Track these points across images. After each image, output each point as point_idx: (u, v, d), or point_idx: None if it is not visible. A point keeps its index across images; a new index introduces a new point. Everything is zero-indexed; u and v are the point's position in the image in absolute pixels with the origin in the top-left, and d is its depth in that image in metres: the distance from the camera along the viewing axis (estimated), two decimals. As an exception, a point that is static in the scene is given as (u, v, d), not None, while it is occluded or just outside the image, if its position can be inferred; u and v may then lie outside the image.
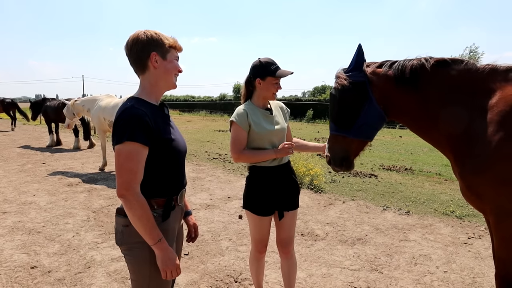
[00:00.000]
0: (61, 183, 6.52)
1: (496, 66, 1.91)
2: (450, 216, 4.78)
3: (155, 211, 1.53)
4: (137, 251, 1.51)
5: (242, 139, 2.31)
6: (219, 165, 8.21)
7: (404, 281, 3.10)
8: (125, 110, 1.43)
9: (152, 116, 1.48)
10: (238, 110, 2.34)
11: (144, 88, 1.57)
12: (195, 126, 19.43)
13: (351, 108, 2.12)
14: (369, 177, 7.02)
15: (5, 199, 5.45)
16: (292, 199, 2.45)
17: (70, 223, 4.42)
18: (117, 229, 1.55)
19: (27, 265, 3.32)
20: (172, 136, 1.56)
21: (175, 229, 1.65)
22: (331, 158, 2.24)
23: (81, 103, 8.26)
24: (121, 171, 1.39)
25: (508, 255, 1.91)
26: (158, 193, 1.54)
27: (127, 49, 1.53)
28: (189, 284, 3.02)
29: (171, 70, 1.58)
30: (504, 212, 1.83)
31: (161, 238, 1.46)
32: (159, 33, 1.54)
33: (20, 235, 4.03)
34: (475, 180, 1.89)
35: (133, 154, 1.40)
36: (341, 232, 4.22)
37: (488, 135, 1.82)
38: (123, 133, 1.39)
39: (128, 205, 1.39)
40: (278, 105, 2.54)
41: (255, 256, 2.53)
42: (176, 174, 1.61)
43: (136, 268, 1.55)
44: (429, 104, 1.99)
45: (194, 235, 1.89)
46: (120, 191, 1.38)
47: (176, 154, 1.57)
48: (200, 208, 5.07)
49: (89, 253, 3.58)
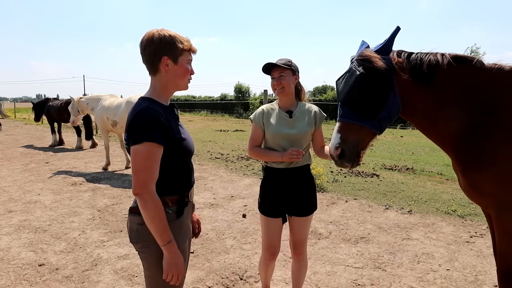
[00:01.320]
0: (65, 182, 6.56)
1: (502, 66, 1.92)
2: (452, 215, 4.82)
3: (170, 208, 1.56)
4: (154, 247, 1.52)
5: (257, 137, 2.38)
6: (221, 165, 8.26)
7: (407, 278, 3.14)
8: (141, 111, 1.46)
9: (166, 116, 1.52)
10: (259, 109, 2.41)
11: (155, 89, 1.60)
12: (196, 126, 19.47)
13: (377, 96, 1.91)
14: (371, 177, 7.06)
15: (10, 198, 5.50)
16: (302, 205, 2.36)
17: (76, 222, 4.46)
18: (132, 228, 1.58)
19: (34, 262, 3.37)
20: (183, 135, 1.60)
21: (189, 225, 1.69)
22: (345, 150, 1.95)
23: (85, 101, 8.32)
24: (139, 171, 1.42)
25: (509, 250, 1.95)
26: (171, 190, 1.57)
27: (141, 48, 1.54)
28: (195, 281, 3.06)
29: (181, 75, 1.59)
30: (506, 207, 1.88)
31: (171, 240, 1.47)
32: (174, 35, 1.54)
33: (27, 233, 4.08)
34: (477, 178, 1.93)
35: (151, 154, 1.42)
36: (344, 230, 4.26)
37: (491, 134, 1.86)
38: (141, 134, 1.42)
39: (143, 204, 1.42)
40: (310, 109, 2.39)
41: (264, 261, 2.51)
42: (187, 172, 1.65)
43: (152, 265, 1.57)
44: (439, 103, 1.95)
45: (197, 231, 1.93)
46: (137, 189, 1.42)
47: (187, 153, 1.61)
48: (204, 207, 5.12)
49: (96, 251, 3.62)
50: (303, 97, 2.47)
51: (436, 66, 1.91)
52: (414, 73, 1.93)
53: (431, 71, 1.91)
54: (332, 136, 2.00)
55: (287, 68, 2.26)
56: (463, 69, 1.92)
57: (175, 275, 1.50)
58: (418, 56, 1.96)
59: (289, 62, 2.29)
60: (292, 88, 2.33)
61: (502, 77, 1.91)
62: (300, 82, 2.43)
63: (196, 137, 13.58)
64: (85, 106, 8.37)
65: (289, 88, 2.30)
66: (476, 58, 1.96)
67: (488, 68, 1.93)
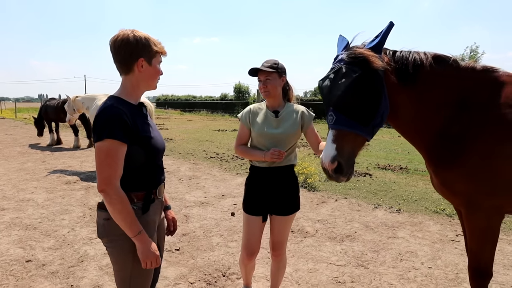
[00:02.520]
0: (60, 181, 6.63)
1: (474, 65, 1.93)
2: (440, 214, 4.85)
3: (135, 204, 1.61)
4: (119, 242, 1.59)
5: (242, 135, 2.44)
6: (215, 164, 8.30)
7: (388, 276, 3.17)
8: (105, 108, 1.51)
9: (131, 115, 1.56)
10: (246, 108, 2.47)
11: (125, 88, 1.65)
12: (195, 126, 19.53)
13: (374, 99, 1.75)
14: (364, 176, 7.08)
15: (4, 196, 5.56)
16: (284, 204, 2.38)
17: (66, 219, 4.52)
18: (99, 223, 1.63)
19: (22, 259, 3.42)
20: (151, 134, 1.65)
21: (156, 221, 1.74)
22: (343, 164, 1.73)
23: (81, 100, 8.38)
24: (102, 167, 1.47)
25: (479, 247, 1.99)
26: (137, 187, 1.62)
27: (113, 48, 1.58)
28: (178, 277, 3.11)
29: (153, 76, 1.66)
30: (475, 205, 1.91)
31: (141, 230, 1.53)
32: (148, 37, 1.60)
33: (17, 231, 4.13)
34: (448, 176, 1.96)
35: (112, 151, 1.47)
36: (331, 229, 4.29)
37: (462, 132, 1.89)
38: (103, 131, 1.47)
39: (108, 200, 1.47)
40: (297, 109, 2.40)
41: (242, 261, 2.54)
42: (154, 169, 1.69)
43: (118, 259, 1.63)
44: (419, 103, 1.92)
45: (172, 229, 1.97)
46: (101, 186, 1.46)
47: (154, 151, 1.66)
48: (193, 206, 5.16)
49: (83, 248, 3.67)
50: (292, 97, 2.50)
51: (421, 66, 1.88)
52: (401, 73, 1.87)
53: (415, 71, 1.87)
54: (325, 146, 1.79)
55: (272, 71, 2.28)
56: (442, 68, 1.92)
57: (153, 260, 1.57)
58: (403, 55, 1.90)
59: (275, 65, 2.30)
60: (279, 90, 2.36)
61: (475, 77, 1.93)
62: (288, 83, 2.45)
63: (193, 137, 13.63)
64: (80, 105, 8.43)
65: (275, 91, 2.32)
66: (452, 58, 1.96)
67: (462, 68, 1.94)
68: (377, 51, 1.80)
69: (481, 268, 2.02)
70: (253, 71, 2.33)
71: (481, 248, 1.98)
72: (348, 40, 1.95)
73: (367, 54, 1.74)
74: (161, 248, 1.89)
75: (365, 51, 1.76)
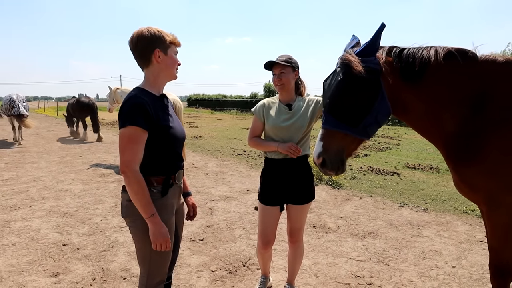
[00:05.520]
0: (95, 173, 7.02)
1: (495, 57, 1.87)
2: (470, 215, 4.69)
3: (155, 187, 1.74)
4: (139, 222, 1.71)
5: (256, 128, 2.52)
6: (242, 161, 8.44)
7: (408, 273, 3.14)
8: (130, 98, 1.65)
9: (153, 105, 1.69)
10: (260, 102, 2.55)
11: (148, 80, 1.79)
12: (224, 124, 19.85)
13: (361, 102, 1.82)
14: (391, 175, 6.95)
15: (45, 186, 5.99)
16: (300, 194, 2.45)
17: (99, 209, 4.81)
18: (122, 204, 1.78)
19: (59, 242, 3.70)
20: (170, 123, 1.77)
21: (174, 205, 1.86)
22: (327, 160, 1.89)
23: (120, 93, 8.81)
24: (124, 151, 1.61)
25: (500, 244, 1.94)
26: (157, 171, 1.75)
27: (132, 45, 1.73)
28: (200, 265, 3.25)
29: (172, 64, 1.79)
30: (496, 202, 1.86)
31: (154, 213, 1.64)
32: (161, 30, 1.75)
33: (56, 218, 4.46)
34: (468, 172, 1.92)
35: (134, 137, 1.61)
36: (354, 226, 4.28)
37: (481, 127, 1.85)
38: (126, 118, 1.61)
39: (127, 181, 1.61)
40: (310, 101, 2.45)
41: (259, 250, 2.60)
42: (173, 156, 1.82)
43: (139, 238, 1.77)
44: (432, 100, 1.89)
45: (192, 214, 2.09)
46: (122, 168, 1.60)
47: (173, 139, 1.78)
48: (219, 200, 5.31)
49: (114, 235, 3.91)
50: (303, 92, 2.56)
51: (428, 63, 1.85)
52: (404, 72, 1.86)
53: (422, 68, 1.84)
54: (315, 143, 1.93)
55: (287, 65, 2.36)
56: (455, 63, 1.86)
57: (163, 243, 1.67)
58: (410, 53, 1.88)
59: (290, 59, 2.38)
60: (292, 84, 2.43)
61: (496, 70, 1.86)
62: (300, 78, 2.52)
63: (222, 135, 13.89)
64: (119, 97, 8.85)
65: (289, 84, 2.40)
66: (470, 51, 1.90)
67: (482, 61, 1.88)
68: (370, 53, 1.83)
69: (503, 266, 1.96)
70: (268, 65, 2.40)
71: (502, 246, 1.93)
72: (358, 39, 1.98)
73: (350, 59, 1.79)
74: (179, 231, 2.01)
75: (350, 56, 1.81)
